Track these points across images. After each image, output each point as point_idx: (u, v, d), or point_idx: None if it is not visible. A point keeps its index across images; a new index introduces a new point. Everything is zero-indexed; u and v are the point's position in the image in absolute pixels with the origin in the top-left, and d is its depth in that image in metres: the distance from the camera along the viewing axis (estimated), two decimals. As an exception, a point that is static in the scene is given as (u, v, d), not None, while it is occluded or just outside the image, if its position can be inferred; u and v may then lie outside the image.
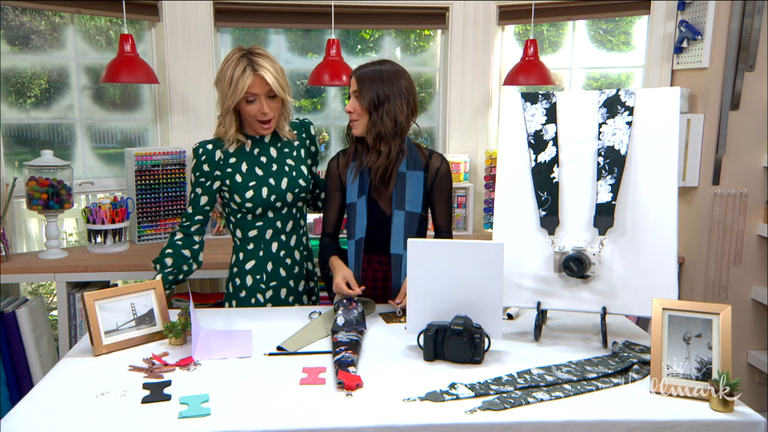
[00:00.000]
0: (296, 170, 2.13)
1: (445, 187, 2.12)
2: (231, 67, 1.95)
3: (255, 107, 1.99)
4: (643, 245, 1.72)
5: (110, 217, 2.86)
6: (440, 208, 2.14)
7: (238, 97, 1.95)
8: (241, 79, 1.93)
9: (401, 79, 1.99)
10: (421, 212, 2.08)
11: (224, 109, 2.01)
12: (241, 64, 1.94)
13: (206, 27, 3.16)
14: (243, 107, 2.00)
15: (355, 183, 2.07)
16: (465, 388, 1.47)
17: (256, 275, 2.14)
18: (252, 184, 2.06)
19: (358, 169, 2.07)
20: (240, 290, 2.15)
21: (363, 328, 1.82)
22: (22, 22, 2.97)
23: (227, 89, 1.96)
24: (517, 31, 3.41)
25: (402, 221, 2.04)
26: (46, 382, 1.53)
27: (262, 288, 2.15)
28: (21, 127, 3.01)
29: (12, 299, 2.72)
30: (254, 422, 1.33)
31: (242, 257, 2.14)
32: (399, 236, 2.04)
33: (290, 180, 2.11)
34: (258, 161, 2.10)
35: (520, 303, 1.82)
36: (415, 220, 2.06)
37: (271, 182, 2.08)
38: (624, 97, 1.79)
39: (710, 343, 1.47)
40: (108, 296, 1.74)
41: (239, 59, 1.95)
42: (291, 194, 2.11)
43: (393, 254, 2.05)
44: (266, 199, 2.07)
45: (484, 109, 3.37)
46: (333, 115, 3.52)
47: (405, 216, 2.04)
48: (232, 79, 1.94)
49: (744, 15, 2.69)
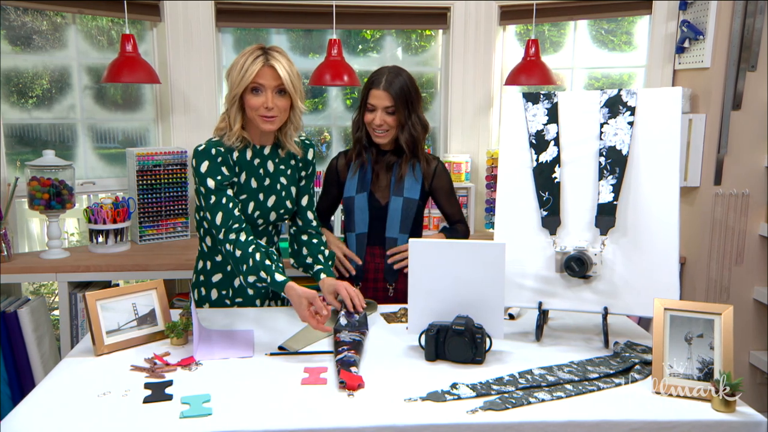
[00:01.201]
0: (286, 190, 2.03)
1: (445, 183, 2.26)
2: (245, 56, 1.86)
3: (259, 99, 1.85)
4: (644, 245, 1.72)
5: (112, 217, 2.86)
6: (447, 203, 2.28)
7: (244, 84, 1.83)
8: (251, 66, 1.83)
9: (414, 83, 2.18)
10: (419, 200, 2.20)
11: (230, 99, 1.89)
12: (255, 53, 1.86)
13: (207, 27, 3.17)
14: (246, 99, 1.86)
15: (354, 178, 2.21)
16: (466, 388, 1.47)
17: (222, 290, 2.06)
18: (243, 197, 1.95)
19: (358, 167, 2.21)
20: (204, 302, 2.06)
21: (365, 328, 1.82)
22: (24, 22, 2.97)
23: (236, 77, 1.85)
24: (519, 31, 3.41)
25: (399, 206, 2.17)
26: (48, 382, 1.53)
27: (227, 303, 2.06)
28: (23, 127, 3.01)
29: (14, 299, 2.72)
30: (256, 422, 1.33)
31: (209, 267, 2.05)
32: (395, 221, 2.18)
33: (278, 199, 2.01)
34: (256, 173, 1.97)
35: (522, 303, 1.82)
36: (413, 205, 2.19)
37: (259, 197, 1.98)
38: (625, 97, 1.78)
39: (712, 343, 1.47)
40: (109, 296, 1.75)
41: (255, 50, 1.87)
42: (275, 213, 2.02)
43: (388, 237, 2.19)
44: (250, 214, 1.96)
45: (485, 109, 3.37)
46: (334, 115, 3.53)
47: (402, 202, 2.17)
48: (243, 66, 1.84)
49: (746, 15, 2.69)
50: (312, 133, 3.60)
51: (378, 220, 2.20)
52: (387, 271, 2.20)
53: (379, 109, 2.11)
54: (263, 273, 1.79)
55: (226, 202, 1.86)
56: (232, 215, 1.85)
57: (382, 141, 2.17)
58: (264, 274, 1.79)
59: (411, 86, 2.15)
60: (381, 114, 2.11)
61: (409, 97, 2.13)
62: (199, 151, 1.89)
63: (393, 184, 2.19)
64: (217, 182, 1.86)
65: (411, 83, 2.15)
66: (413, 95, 2.15)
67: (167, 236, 3.09)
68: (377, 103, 2.11)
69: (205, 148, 1.89)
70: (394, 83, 2.11)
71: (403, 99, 2.12)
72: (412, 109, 2.14)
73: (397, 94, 2.11)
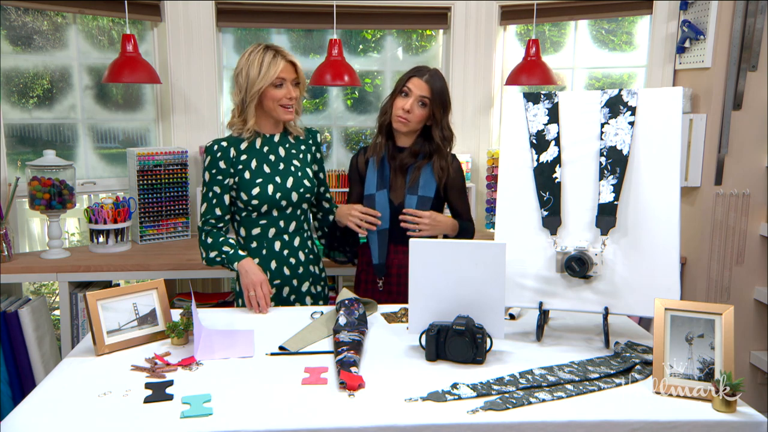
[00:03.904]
0: (302, 171, 2.18)
1: (458, 182, 2.29)
2: (259, 55, 2.04)
3: (282, 92, 2.07)
4: (645, 245, 1.72)
5: (112, 217, 2.87)
6: (458, 202, 2.32)
7: (269, 80, 2.03)
8: (272, 63, 2.03)
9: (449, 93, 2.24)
10: (433, 198, 2.23)
11: (249, 96, 2.06)
12: (269, 52, 2.05)
13: (208, 27, 3.17)
14: (269, 93, 2.06)
15: (374, 175, 2.26)
16: (467, 388, 1.47)
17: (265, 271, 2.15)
18: (259, 181, 2.10)
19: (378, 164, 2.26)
20: None
21: (365, 328, 1.82)
22: (25, 22, 2.97)
23: (256, 75, 2.03)
24: (519, 31, 3.41)
25: (414, 204, 2.20)
26: (49, 382, 1.53)
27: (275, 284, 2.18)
28: (23, 127, 3.01)
29: (14, 299, 2.72)
30: (256, 422, 1.33)
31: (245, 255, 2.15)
32: None
33: (296, 179, 2.15)
34: (267, 159, 2.14)
35: (522, 303, 1.81)
36: (428, 203, 2.22)
37: (277, 180, 2.12)
38: (626, 97, 1.78)
39: (712, 343, 1.46)
40: (110, 296, 1.75)
41: (265, 49, 2.06)
42: (296, 194, 2.15)
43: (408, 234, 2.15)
44: (272, 196, 2.11)
45: (486, 109, 3.37)
46: (335, 115, 3.53)
47: (417, 200, 2.21)
48: (262, 64, 2.03)
49: (747, 15, 2.69)
50: (312, 133, 3.60)
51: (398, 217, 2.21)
52: None
53: (414, 96, 2.16)
54: (226, 247, 2.07)
55: (211, 197, 2.10)
56: (212, 212, 2.10)
57: (401, 128, 2.20)
58: (226, 248, 2.07)
59: (447, 93, 2.22)
60: (413, 102, 2.16)
61: (445, 100, 2.20)
62: (206, 147, 2.12)
63: (408, 182, 2.23)
64: (212, 175, 2.09)
65: (447, 91, 2.22)
66: (448, 100, 2.22)
67: (168, 236, 3.10)
68: (414, 90, 2.17)
69: (210, 145, 2.11)
70: (436, 80, 2.19)
71: (440, 97, 2.18)
72: (446, 111, 2.22)
73: (436, 90, 2.17)
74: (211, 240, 2.09)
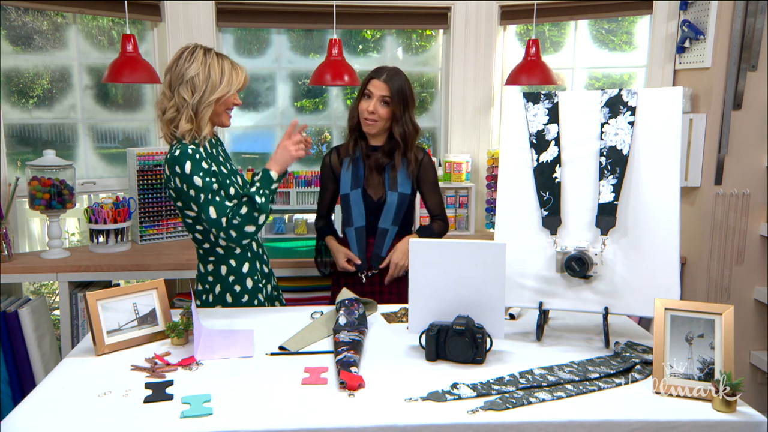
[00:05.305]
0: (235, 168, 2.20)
1: (430, 176, 2.42)
2: (215, 59, 2.00)
3: (236, 98, 2.07)
4: (645, 245, 1.72)
5: (112, 216, 2.87)
6: (430, 196, 2.44)
7: (234, 89, 2.02)
8: (234, 71, 2.03)
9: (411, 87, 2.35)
10: (410, 194, 2.37)
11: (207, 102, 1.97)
12: (223, 58, 2.03)
13: (208, 27, 3.17)
14: (227, 100, 2.02)
15: (348, 174, 2.37)
16: (467, 388, 1.47)
17: (254, 276, 2.14)
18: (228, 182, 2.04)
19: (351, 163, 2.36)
20: (242, 296, 2.12)
21: (365, 328, 1.82)
22: (25, 22, 2.97)
23: (218, 81, 1.98)
24: (519, 31, 3.41)
25: (395, 200, 2.35)
26: (48, 382, 1.53)
27: (260, 287, 2.16)
28: (23, 127, 3.01)
29: (14, 299, 2.72)
30: (256, 422, 1.33)
31: (234, 264, 2.10)
32: (390, 214, 2.36)
33: (242, 177, 2.17)
34: (218, 160, 2.07)
35: (522, 303, 1.81)
36: (406, 199, 2.37)
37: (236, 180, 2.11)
38: (626, 97, 1.78)
39: (712, 343, 1.46)
40: (110, 296, 1.75)
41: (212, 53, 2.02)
42: None
43: (380, 228, 2.36)
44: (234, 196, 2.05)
45: (485, 109, 3.37)
46: (335, 115, 3.53)
47: (398, 196, 2.35)
48: (224, 70, 2.00)
49: (746, 15, 2.69)
50: (312, 133, 3.60)
51: (372, 214, 2.38)
52: (374, 258, 2.39)
53: (376, 97, 2.28)
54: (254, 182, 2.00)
55: (212, 197, 1.93)
56: (223, 205, 1.94)
57: (370, 131, 2.32)
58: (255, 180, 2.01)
59: (408, 88, 2.33)
60: (376, 102, 2.28)
61: (405, 96, 2.31)
62: (176, 156, 1.93)
63: (388, 180, 2.35)
64: (201, 178, 1.93)
65: (408, 86, 2.33)
66: (408, 96, 2.32)
67: (168, 236, 3.10)
68: (375, 91, 2.29)
69: (181, 150, 1.94)
70: (395, 79, 2.30)
71: (400, 95, 2.29)
72: (406, 107, 2.32)
73: (395, 89, 2.29)
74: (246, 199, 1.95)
